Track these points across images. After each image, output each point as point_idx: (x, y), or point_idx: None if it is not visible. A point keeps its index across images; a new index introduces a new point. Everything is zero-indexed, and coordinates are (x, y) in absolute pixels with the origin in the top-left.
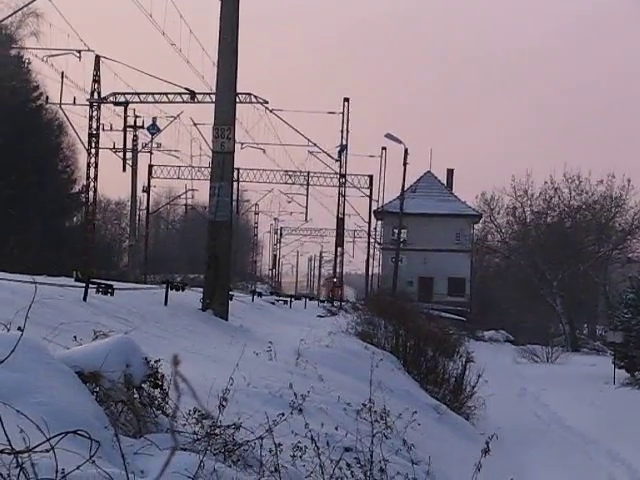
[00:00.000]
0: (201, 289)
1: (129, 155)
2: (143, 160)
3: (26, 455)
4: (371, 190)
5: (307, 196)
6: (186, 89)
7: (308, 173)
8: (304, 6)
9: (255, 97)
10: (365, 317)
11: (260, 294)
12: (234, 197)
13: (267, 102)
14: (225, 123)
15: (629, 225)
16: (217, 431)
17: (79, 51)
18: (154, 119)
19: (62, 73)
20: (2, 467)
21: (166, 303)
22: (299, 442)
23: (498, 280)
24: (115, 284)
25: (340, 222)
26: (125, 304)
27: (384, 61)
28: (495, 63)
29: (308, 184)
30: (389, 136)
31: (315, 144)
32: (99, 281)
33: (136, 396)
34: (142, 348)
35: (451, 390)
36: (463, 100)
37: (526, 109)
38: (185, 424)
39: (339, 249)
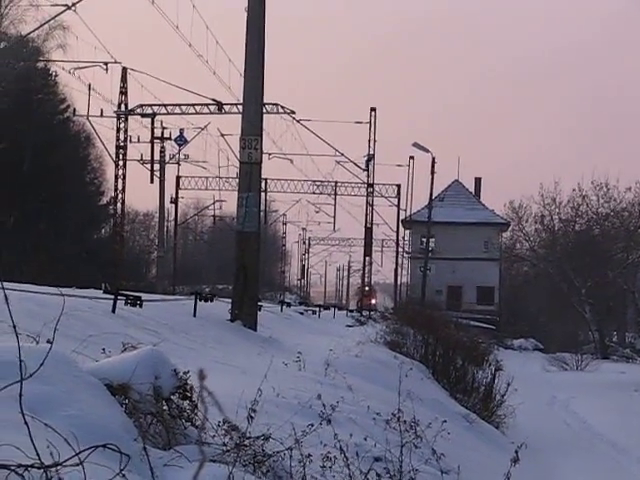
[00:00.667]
0: (230, 300)
1: (157, 167)
2: (171, 171)
3: (55, 469)
4: (399, 199)
5: (335, 206)
6: (213, 100)
7: (336, 183)
8: (332, 16)
9: (282, 107)
10: (394, 326)
11: (289, 304)
12: (262, 207)
13: (294, 112)
14: (252, 134)
15: None
16: (246, 442)
17: (106, 63)
18: (181, 130)
19: (89, 85)
20: None
21: (195, 314)
22: (328, 452)
23: (527, 288)
24: (144, 296)
25: (368, 231)
26: (154, 316)
27: (411, 70)
28: (522, 71)
29: (336, 194)
30: (416, 145)
31: (342, 154)
32: (128, 293)
33: (165, 408)
34: (171, 360)
35: (481, 399)
36: (491, 108)
37: (554, 117)
38: (214, 435)
39: (367, 258)
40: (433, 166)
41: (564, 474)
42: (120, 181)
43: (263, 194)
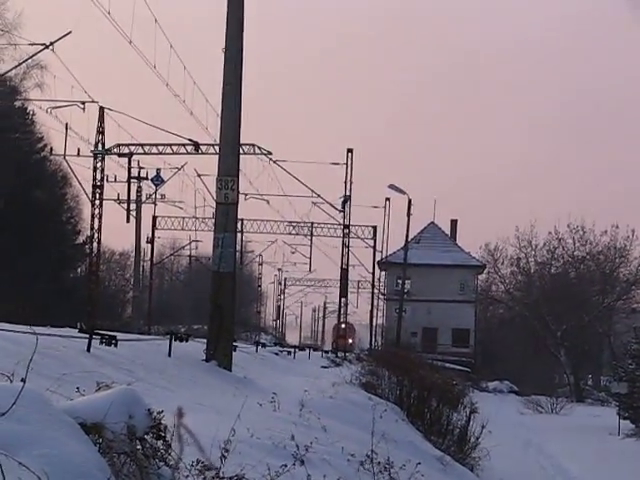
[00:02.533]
0: (205, 340)
1: (133, 206)
2: (147, 211)
3: None
4: (375, 241)
5: (311, 247)
6: (190, 140)
7: (312, 224)
8: (309, 57)
9: (259, 148)
10: (369, 368)
11: (264, 345)
12: (238, 248)
13: (271, 153)
14: (229, 174)
15: (633, 276)
16: None
17: (83, 102)
18: (158, 170)
19: (66, 124)
20: None
21: (170, 354)
22: None
23: (502, 331)
24: (119, 335)
25: (344, 273)
26: (129, 355)
27: (387, 111)
28: (496, 113)
29: (312, 235)
30: (393, 187)
31: (319, 195)
32: (103, 332)
33: (139, 447)
34: (145, 399)
35: (455, 441)
36: (467, 151)
37: (530, 160)
38: (188, 475)
39: (343, 299)
40: (409, 208)
41: None
42: (96, 220)
43: (239, 234)
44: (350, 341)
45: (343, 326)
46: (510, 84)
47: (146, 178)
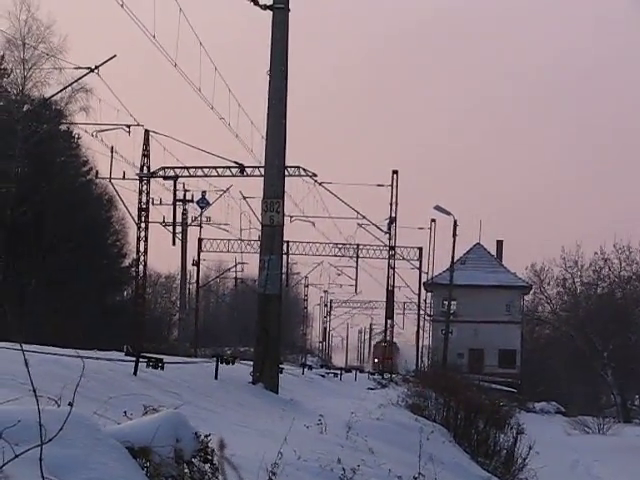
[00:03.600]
0: (251, 362)
1: (179, 229)
2: (193, 233)
3: None
4: (420, 262)
5: (357, 268)
6: (235, 163)
7: (357, 245)
8: (353, 79)
9: (304, 170)
10: (416, 389)
11: (310, 367)
12: (284, 270)
13: (316, 175)
14: (274, 196)
15: None
16: None
17: (128, 126)
18: (203, 193)
19: (112, 148)
20: None
21: (216, 377)
22: None
23: (549, 351)
24: (165, 358)
25: (390, 294)
26: (175, 378)
27: (433, 132)
28: (542, 133)
29: (357, 256)
30: (438, 208)
31: (364, 216)
32: (149, 355)
33: (186, 471)
34: (192, 422)
35: (502, 462)
36: (512, 170)
37: (575, 180)
38: None
39: (389, 321)
40: (455, 229)
41: None
42: (142, 243)
43: (285, 256)
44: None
45: (384, 344)
46: (557, 99)
47: (191, 201)
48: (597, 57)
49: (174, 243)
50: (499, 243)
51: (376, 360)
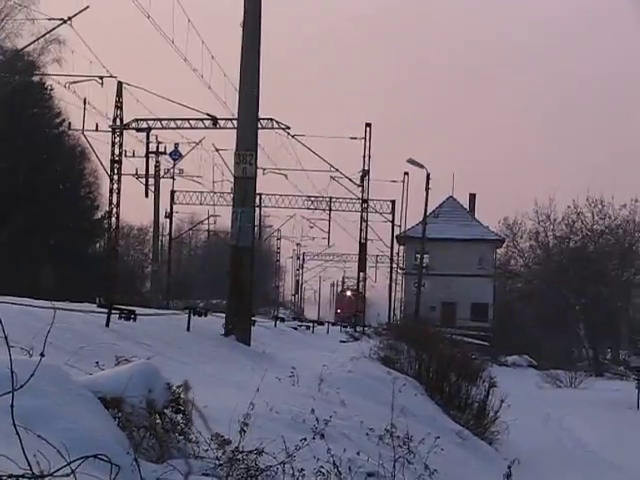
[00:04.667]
0: (223, 315)
1: (151, 181)
2: (165, 186)
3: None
4: (393, 215)
5: (329, 221)
6: (208, 115)
7: (330, 198)
8: (328, 33)
9: (277, 122)
10: (388, 342)
11: (282, 319)
12: (256, 223)
13: (289, 127)
14: (247, 149)
15: None
16: (239, 456)
17: (101, 77)
18: (176, 145)
19: (84, 99)
20: None
21: (189, 329)
22: (321, 467)
23: (521, 305)
24: (138, 310)
25: (362, 247)
26: (147, 330)
27: (407, 85)
28: (517, 87)
29: (330, 209)
30: (411, 161)
31: (337, 169)
32: (122, 307)
33: (158, 421)
34: (164, 373)
35: (474, 415)
36: (486, 124)
37: (550, 134)
38: (207, 449)
39: (361, 274)
40: (428, 182)
41: None
42: (115, 195)
43: (257, 209)
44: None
45: (349, 294)
46: (534, 58)
47: (164, 153)
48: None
49: (147, 195)
50: (472, 196)
51: (339, 311)
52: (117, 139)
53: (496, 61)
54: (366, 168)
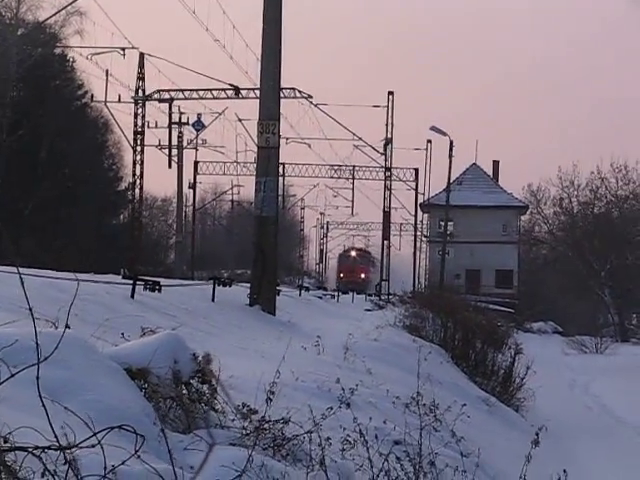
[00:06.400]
0: (248, 285)
1: (174, 152)
2: (189, 157)
3: (72, 451)
4: (417, 183)
5: (353, 190)
6: (230, 85)
7: (353, 167)
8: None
9: (299, 92)
10: (413, 310)
11: (307, 288)
12: (280, 192)
13: (311, 97)
14: (270, 118)
15: None
16: (265, 426)
17: (123, 49)
18: (199, 115)
19: (107, 71)
20: (50, 463)
21: (213, 299)
22: (348, 436)
23: (545, 271)
24: (162, 281)
25: (386, 215)
26: (172, 300)
27: (429, 54)
28: (540, 55)
29: (354, 178)
30: (434, 129)
31: (360, 138)
32: (146, 278)
33: (184, 392)
34: (190, 344)
35: (500, 382)
36: (509, 90)
37: (573, 100)
38: (234, 419)
39: (385, 242)
40: (451, 149)
41: (585, 457)
42: (138, 167)
43: (281, 179)
44: (363, 276)
45: (353, 254)
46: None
47: (187, 123)
48: None
49: (170, 166)
50: (495, 163)
51: (341, 275)
52: (140, 110)
53: (526, 24)
54: (389, 136)
